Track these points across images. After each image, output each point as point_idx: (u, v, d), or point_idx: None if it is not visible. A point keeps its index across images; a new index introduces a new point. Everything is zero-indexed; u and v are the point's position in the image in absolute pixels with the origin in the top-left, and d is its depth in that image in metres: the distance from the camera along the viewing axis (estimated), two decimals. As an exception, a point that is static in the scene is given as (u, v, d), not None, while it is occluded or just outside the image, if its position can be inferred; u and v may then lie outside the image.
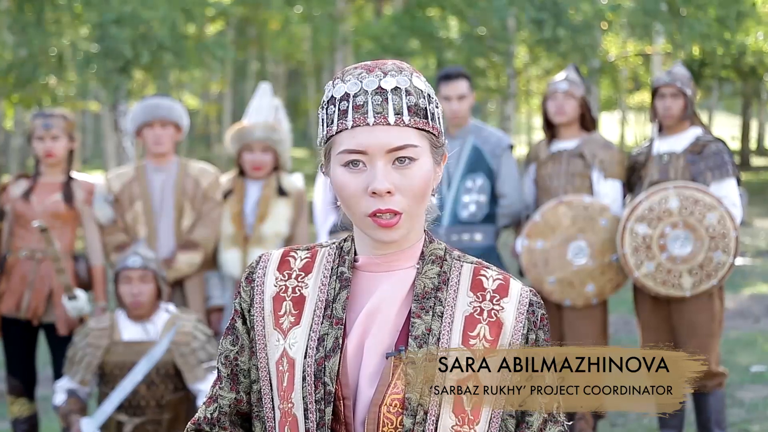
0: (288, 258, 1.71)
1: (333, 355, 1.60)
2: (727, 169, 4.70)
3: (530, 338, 1.65)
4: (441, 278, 1.65)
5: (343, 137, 1.60)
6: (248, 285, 1.72)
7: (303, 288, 1.68)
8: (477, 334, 1.62)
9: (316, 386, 1.60)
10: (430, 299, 1.63)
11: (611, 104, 29.43)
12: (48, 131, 4.80)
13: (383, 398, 1.58)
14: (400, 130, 1.58)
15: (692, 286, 4.59)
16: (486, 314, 1.64)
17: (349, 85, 1.61)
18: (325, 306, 1.65)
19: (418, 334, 1.60)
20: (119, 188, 4.89)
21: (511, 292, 1.67)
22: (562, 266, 4.79)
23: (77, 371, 4.28)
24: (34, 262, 4.77)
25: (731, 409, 5.74)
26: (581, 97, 4.98)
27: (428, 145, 1.62)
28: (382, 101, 1.59)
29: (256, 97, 5.16)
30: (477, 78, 18.25)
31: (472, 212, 5.04)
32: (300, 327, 1.65)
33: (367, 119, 1.58)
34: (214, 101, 30.59)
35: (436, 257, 1.67)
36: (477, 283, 1.67)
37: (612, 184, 4.90)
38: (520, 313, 1.65)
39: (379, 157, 1.57)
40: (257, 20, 22.95)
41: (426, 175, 1.60)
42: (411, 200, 1.59)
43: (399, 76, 1.62)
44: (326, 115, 1.63)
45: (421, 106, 1.61)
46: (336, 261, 1.68)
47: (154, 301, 4.38)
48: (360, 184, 1.58)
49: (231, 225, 4.94)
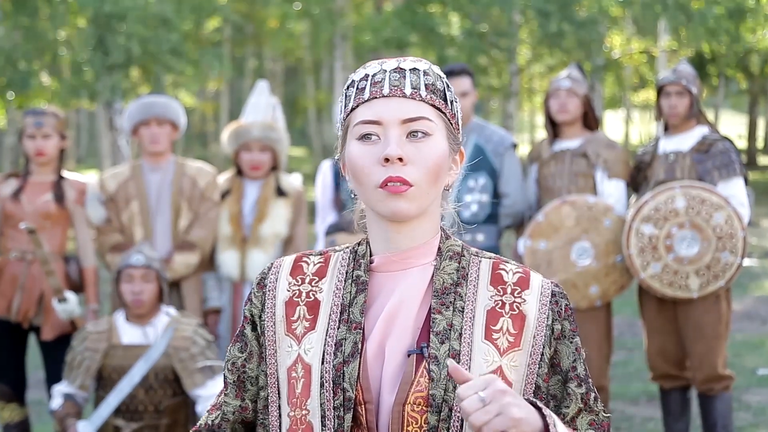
0: (301, 263, 1.71)
1: (352, 360, 1.60)
2: (735, 168, 4.69)
3: (556, 329, 1.64)
4: (460, 273, 1.65)
5: (360, 111, 1.63)
6: (260, 290, 1.70)
7: (317, 293, 1.67)
8: (500, 328, 1.62)
9: (335, 392, 1.59)
10: (449, 294, 1.63)
11: (616, 102, 29.43)
12: (39, 129, 4.79)
13: (407, 396, 1.57)
14: (417, 104, 1.62)
15: (699, 288, 4.58)
16: (508, 307, 1.63)
17: (369, 68, 1.66)
18: (341, 311, 1.64)
19: (440, 330, 1.60)
20: (115, 188, 4.88)
21: (532, 285, 1.66)
22: (566, 267, 4.78)
23: (76, 376, 4.28)
24: (24, 264, 4.76)
25: (738, 413, 5.73)
26: (584, 95, 4.97)
27: (444, 128, 1.64)
28: (400, 77, 1.63)
29: (253, 95, 5.15)
30: (479, 75, 18.24)
31: (474, 212, 5.03)
32: (315, 332, 1.64)
33: (383, 91, 1.61)
34: (211, 99, 30.59)
35: (453, 253, 1.67)
36: (497, 277, 1.66)
37: (616, 184, 4.89)
38: (543, 305, 1.65)
39: (393, 127, 1.60)
40: (255, 16, 22.94)
41: (440, 153, 1.61)
42: (423, 174, 1.59)
43: (419, 63, 1.66)
44: (345, 98, 1.67)
45: (438, 87, 1.65)
46: (351, 265, 1.68)
47: (155, 302, 4.37)
48: (373, 156, 1.59)
49: (229, 226, 4.93)
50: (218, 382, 4.20)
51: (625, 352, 7.49)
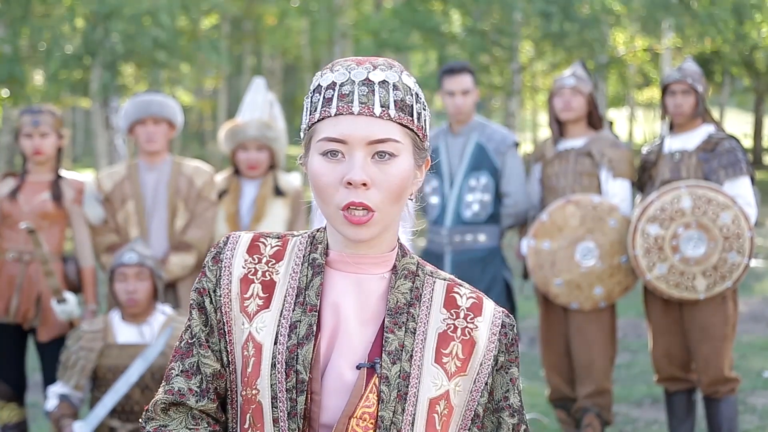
0: (258, 243, 1.69)
1: (306, 343, 1.59)
2: (741, 167, 4.69)
3: (500, 360, 1.67)
4: (413, 294, 1.65)
5: (325, 125, 1.59)
6: (215, 264, 1.68)
7: (273, 274, 1.66)
8: (450, 352, 1.64)
9: (287, 374, 1.58)
10: (402, 314, 1.63)
11: (619, 101, 29.43)
12: (36, 128, 4.79)
13: (354, 410, 1.58)
14: (384, 124, 1.58)
15: (706, 289, 4.58)
16: (460, 332, 1.65)
17: (336, 74, 1.60)
18: (296, 293, 1.63)
19: (392, 350, 1.60)
20: (111, 187, 4.87)
21: (485, 312, 1.68)
22: (570, 268, 4.78)
23: (71, 376, 4.27)
24: (22, 264, 4.75)
25: (743, 416, 5.73)
26: (589, 94, 4.96)
27: (411, 145, 1.61)
28: (369, 92, 1.58)
29: (249, 93, 5.13)
30: (481, 74, 18.23)
31: (476, 212, 5.03)
32: (269, 311, 1.63)
33: (351, 108, 1.57)
34: (208, 97, 30.58)
35: (408, 272, 1.67)
36: (450, 300, 1.67)
37: (621, 184, 4.88)
38: (492, 334, 1.67)
39: (359, 148, 1.57)
40: (253, 13, 22.94)
41: (405, 174, 1.59)
42: (386, 197, 1.57)
43: (388, 72, 1.61)
44: (310, 104, 1.63)
45: (407, 102, 1.60)
46: (308, 249, 1.67)
47: (150, 301, 4.36)
48: (337, 175, 1.57)
49: (226, 226, 4.92)
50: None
51: (629, 354, 7.49)
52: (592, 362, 4.82)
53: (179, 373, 1.66)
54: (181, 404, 1.65)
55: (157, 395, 1.67)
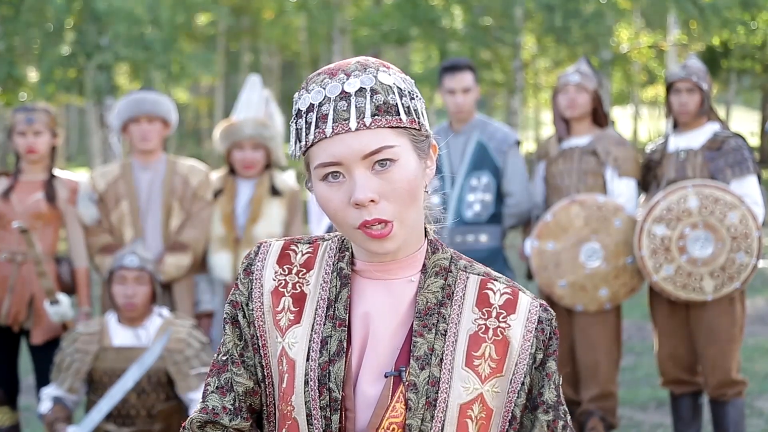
0: (288, 251, 1.68)
1: (338, 360, 1.59)
2: (748, 165, 4.69)
3: (537, 357, 1.64)
4: (445, 292, 1.63)
5: (315, 151, 1.56)
6: (246, 277, 1.68)
7: (304, 285, 1.65)
8: (482, 354, 1.60)
9: (320, 392, 1.58)
10: (433, 315, 1.61)
11: (624, 98, 29.42)
12: (30, 126, 4.78)
13: (381, 422, 1.56)
14: (373, 133, 1.54)
15: (714, 290, 4.57)
16: (492, 332, 1.62)
17: (313, 94, 1.57)
18: (327, 305, 1.63)
19: (420, 355, 1.58)
20: (104, 187, 4.86)
21: (519, 308, 1.65)
22: (574, 269, 4.77)
23: (65, 378, 4.26)
24: (14, 265, 4.74)
25: (750, 420, 5.73)
26: (594, 91, 4.95)
27: (408, 142, 1.57)
28: (348, 107, 1.55)
29: (245, 90, 5.12)
30: (482, 71, 18.23)
31: (477, 212, 5.02)
32: (301, 326, 1.62)
33: (334, 128, 1.54)
34: (204, 95, 30.57)
35: (440, 268, 1.64)
36: (483, 298, 1.64)
37: (627, 183, 4.87)
38: (528, 332, 1.64)
39: (356, 165, 1.54)
40: (250, 9, 22.93)
41: (410, 175, 1.56)
42: (398, 205, 1.55)
43: (363, 76, 1.56)
44: (296, 130, 1.61)
45: (390, 103, 1.56)
46: (337, 256, 1.66)
47: (147, 305, 4.36)
48: (342, 197, 1.55)
49: (221, 226, 4.91)
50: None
51: (634, 356, 7.48)
52: (596, 365, 4.81)
53: (214, 390, 1.68)
54: (216, 422, 1.66)
55: (193, 413, 1.70)
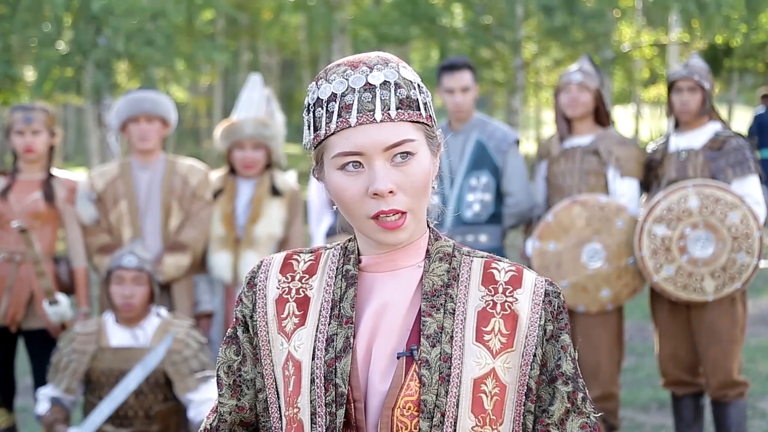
0: (291, 261, 1.73)
1: (344, 356, 1.61)
2: (749, 165, 4.69)
3: (548, 329, 1.67)
4: (450, 275, 1.67)
5: (336, 140, 1.60)
6: (250, 290, 1.72)
7: (307, 289, 1.69)
8: (491, 329, 1.64)
9: (327, 388, 1.61)
10: (440, 296, 1.64)
11: (625, 97, 29.42)
12: (28, 125, 4.78)
13: (396, 401, 1.59)
14: (395, 126, 1.59)
15: (715, 290, 4.58)
16: (500, 307, 1.65)
17: (335, 84, 1.61)
18: (331, 306, 1.66)
19: (430, 333, 1.61)
20: (103, 187, 4.86)
21: (524, 283, 1.69)
22: (576, 270, 4.77)
23: (62, 378, 4.26)
24: (12, 265, 4.74)
25: (752, 421, 5.73)
26: (596, 90, 4.95)
27: (424, 137, 1.63)
28: (372, 98, 1.59)
29: (245, 90, 5.13)
30: (483, 69, 18.23)
31: (477, 212, 5.02)
32: (305, 328, 1.66)
33: (359, 119, 1.58)
34: (203, 94, 30.57)
35: (444, 254, 1.68)
36: (488, 276, 1.68)
37: (629, 183, 4.87)
38: (535, 304, 1.67)
39: (377, 156, 1.58)
40: (249, 8, 22.93)
41: (426, 169, 1.61)
42: (414, 198, 1.60)
43: (386, 69, 1.61)
44: (313, 119, 1.63)
45: (413, 98, 1.62)
46: (341, 261, 1.70)
47: (145, 306, 4.36)
48: (360, 187, 1.59)
49: (221, 226, 4.91)
50: (211, 386, 4.19)
51: (635, 357, 7.48)
52: (598, 366, 4.81)
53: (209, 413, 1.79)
54: None
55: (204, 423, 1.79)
